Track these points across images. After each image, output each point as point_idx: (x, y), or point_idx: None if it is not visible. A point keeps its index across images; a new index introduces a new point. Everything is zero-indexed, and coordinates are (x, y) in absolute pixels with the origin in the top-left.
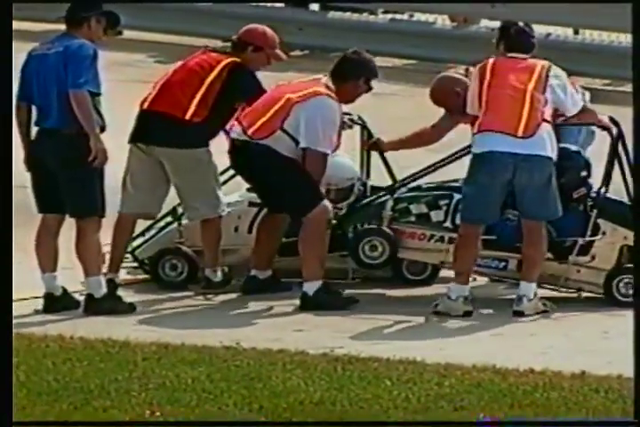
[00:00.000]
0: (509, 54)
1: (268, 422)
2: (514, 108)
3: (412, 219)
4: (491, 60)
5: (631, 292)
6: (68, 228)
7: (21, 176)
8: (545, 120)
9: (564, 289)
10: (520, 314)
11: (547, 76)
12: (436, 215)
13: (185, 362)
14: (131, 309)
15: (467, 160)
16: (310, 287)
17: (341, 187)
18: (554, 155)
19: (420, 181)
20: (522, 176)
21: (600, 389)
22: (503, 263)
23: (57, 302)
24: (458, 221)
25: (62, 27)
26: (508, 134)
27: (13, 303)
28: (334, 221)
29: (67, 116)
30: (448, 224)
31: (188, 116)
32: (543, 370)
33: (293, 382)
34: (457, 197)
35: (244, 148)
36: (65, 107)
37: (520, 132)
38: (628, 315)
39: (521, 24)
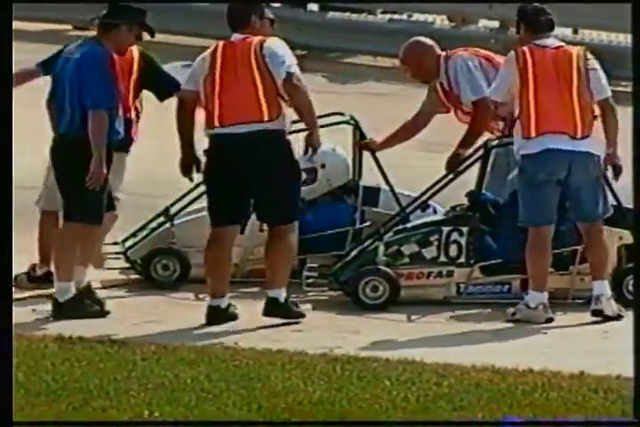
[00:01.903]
0: (537, 41)
1: (266, 422)
2: (566, 110)
3: (406, 260)
4: (527, 53)
5: None
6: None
7: (22, 177)
8: (594, 117)
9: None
10: (599, 313)
11: (586, 67)
12: (429, 252)
13: (184, 362)
14: (100, 314)
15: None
16: (280, 294)
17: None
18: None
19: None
20: (578, 173)
21: (599, 389)
22: (507, 286)
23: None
24: (452, 253)
25: (62, 27)
26: (565, 134)
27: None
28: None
29: (75, 122)
30: (443, 259)
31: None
32: (542, 370)
33: (292, 382)
34: (445, 230)
35: (255, 139)
36: (73, 113)
37: (579, 134)
38: (628, 315)
39: (536, 4)
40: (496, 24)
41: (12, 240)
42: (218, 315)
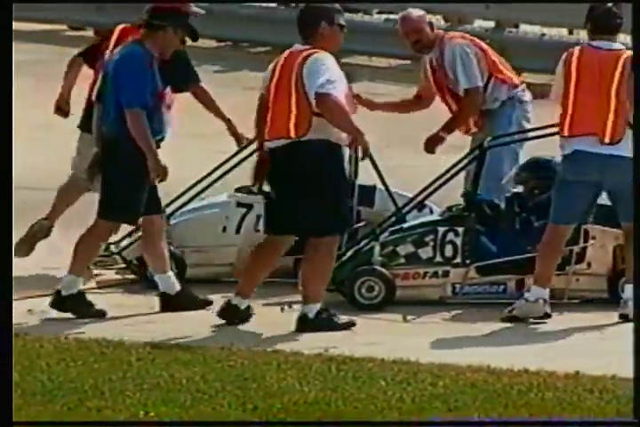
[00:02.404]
0: (594, 42)
1: (262, 422)
2: (600, 113)
3: (402, 260)
4: (575, 54)
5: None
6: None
7: (23, 177)
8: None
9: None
10: (625, 317)
11: (628, 73)
12: (425, 252)
13: (179, 362)
14: (98, 314)
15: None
16: (311, 309)
17: None
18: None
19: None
20: (612, 176)
21: (594, 389)
22: (502, 286)
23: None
24: (448, 253)
25: (58, 27)
26: (595, 136)
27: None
28: None
29: (110, 120)
30: (439, 259)
31: None
32: (537, 370)
33: (288, 382)
34: (441, 230)
35: (286, 152)
36: (109, 112)
37: (607, 137)
38: None
39: (609, 5)
40: (491, 24)
41: (11, 240)
42: (233, 313)
